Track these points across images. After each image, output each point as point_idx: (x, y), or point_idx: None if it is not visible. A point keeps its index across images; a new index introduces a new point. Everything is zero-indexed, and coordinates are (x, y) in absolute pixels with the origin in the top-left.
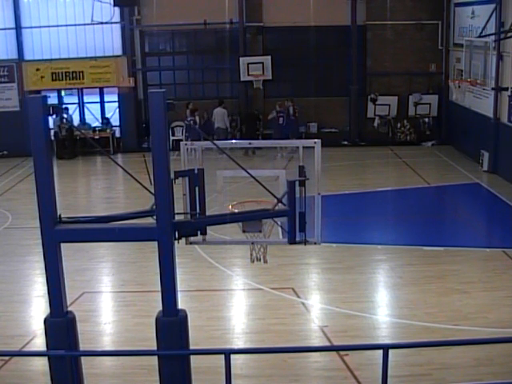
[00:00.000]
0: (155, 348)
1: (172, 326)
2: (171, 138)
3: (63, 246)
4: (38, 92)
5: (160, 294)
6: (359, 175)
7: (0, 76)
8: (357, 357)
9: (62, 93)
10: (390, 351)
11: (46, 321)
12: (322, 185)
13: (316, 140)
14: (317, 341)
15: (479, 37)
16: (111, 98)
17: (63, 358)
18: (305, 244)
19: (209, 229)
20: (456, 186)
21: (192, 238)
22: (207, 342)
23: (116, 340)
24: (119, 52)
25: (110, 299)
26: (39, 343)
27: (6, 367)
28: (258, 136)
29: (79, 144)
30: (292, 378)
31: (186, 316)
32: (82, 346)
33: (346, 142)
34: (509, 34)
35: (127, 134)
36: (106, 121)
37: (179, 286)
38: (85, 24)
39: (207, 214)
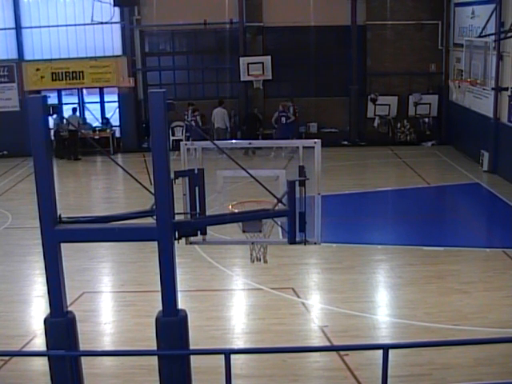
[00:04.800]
0: (155, 348)
1: (172, 326)
2: (171, 138)
3: (63, 245)
4: (38, 92)
5: (160, 294)
6: (359, 175)
7: (0, 76)
8: (357, 357)
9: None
10: (390, 351)
11: (45, 321)
12: (322, 185)
13: (316, 140)
14: (317, 341)
15: (479, 37)
16: (111, 98)
17: (63, 358)
18: (305, 244)
19: (209, 229)
20: (456, 186)
21: (192, 238)
22: (207, 342)
23: (116, 340)
24: (119, 52)
25: (110, 299)
26: (39, 343)
27: (6, 367)
28: (257, 136)
29: (79, 144)
30: (292, 378)
31: (186, 316)
32: (82, 346)
33: (346, 142)
34: (509, 34)
35: (127, 134)
36: (105, 121)
37: (179, 286)
38: (85, 24)
39: (207, 214)
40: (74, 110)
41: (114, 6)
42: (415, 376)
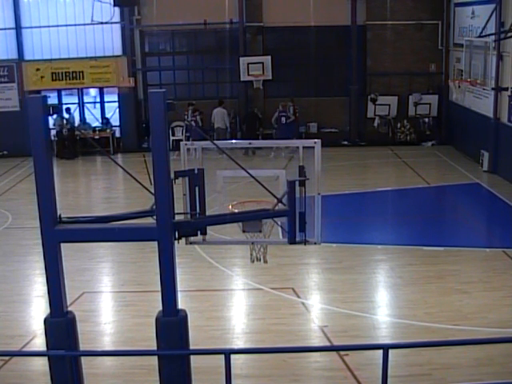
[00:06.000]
0: (155, 348)
1: (172, 326)
2: (171, 138)
3: (63, 245)
4: (38, 92)
5: (160, 294)
6: (359, 175)
7: (0, 76)
8: (357, 357)
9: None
10: (390, 351)
11: (45, 321)
12: (322, 185)
13: (316, 140)
14: (317, 341)
15: (479, 37)
16: (111, 98)
17: (63, 358)
18: (305, 244)
19: (209, 229)
20: (456, 186)
21: (192, 238)
22: (207, 342)
23: (116, 340)
24: (119, 52)
25: (110, 299)
26: (39, 343)
27: (6, 367)
28: (257, 136)
29: (79, 144)
30: (292, 378)
31: (186, 316)
32: (82, 346)
33: (346, 142)
34: (509, 34)
35: (127, 134)
36: (105, 121)
37: (179, 286)
38: (85, 24)
39: (207, 213)
40: (68, 109)
41: (114, 5)
42: (415, 376)
